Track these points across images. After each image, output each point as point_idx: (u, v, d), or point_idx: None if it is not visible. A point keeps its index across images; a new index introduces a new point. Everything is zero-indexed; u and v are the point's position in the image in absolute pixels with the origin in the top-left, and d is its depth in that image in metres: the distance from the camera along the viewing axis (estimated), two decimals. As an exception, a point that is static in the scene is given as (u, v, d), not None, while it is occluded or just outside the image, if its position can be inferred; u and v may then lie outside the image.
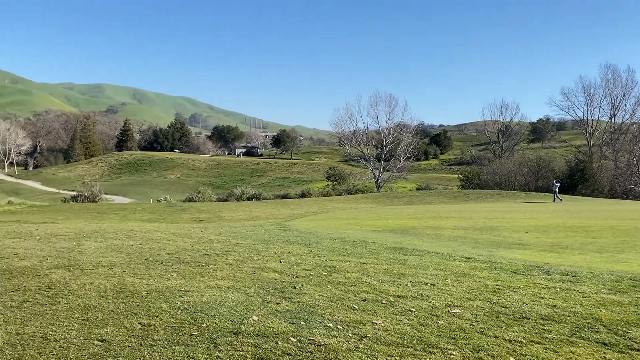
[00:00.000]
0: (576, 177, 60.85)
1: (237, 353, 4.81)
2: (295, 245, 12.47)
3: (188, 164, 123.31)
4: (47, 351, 4.99)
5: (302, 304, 6.51)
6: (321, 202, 41.91)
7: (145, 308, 6.33)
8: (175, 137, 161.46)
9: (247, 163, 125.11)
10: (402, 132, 76.84)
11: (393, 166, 75.31)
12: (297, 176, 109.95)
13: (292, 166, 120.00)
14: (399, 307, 6.45)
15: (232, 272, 8.64)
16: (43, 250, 11.03)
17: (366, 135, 79.02)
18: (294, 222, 22.08)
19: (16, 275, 8.37)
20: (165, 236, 14.24)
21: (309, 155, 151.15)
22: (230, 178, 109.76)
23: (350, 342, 5.09)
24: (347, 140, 79.74)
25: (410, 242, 13.60)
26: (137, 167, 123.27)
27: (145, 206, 38.83)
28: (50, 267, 8.98)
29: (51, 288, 7.46)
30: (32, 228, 17.44)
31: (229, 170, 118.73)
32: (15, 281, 7.97)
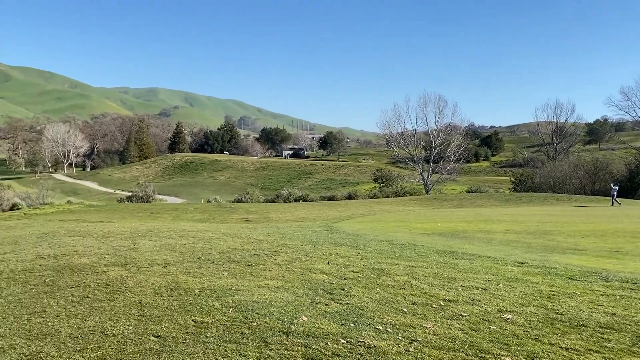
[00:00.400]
0: (636, 180, 58.05)
1: (288, 352, 4.86)
2: (343, 247, 12.48)
3: (237, 165, 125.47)
4: (106, 345, 5.20)
5: (350, 305, 6.52)
6: (368, 204, 41.73)
7: (198, 306, 6.49)
8: (225, 139, 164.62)
9: (294, 165, 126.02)
10: (451, 133, 75.42)
11: (442, 168, 74.10)
12: (343, 178, 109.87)
13: (338, 168, 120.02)
14: (450, 311, 6.35)
15: (281, 272, 8.74)
16: (101, 249, 11.49)
17: (414, 136, 78.02)
18: (341, 223, 22.09)
19: (76, 272, 8.76)
20: (216, 236, 14.55)
21: (356, 157, 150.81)
22: (277, 179, 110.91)
23: (400, 345, 5.06)
24: (394, 141, 78.99)
25: (460, 246, 13.36)
26: (189, 168, 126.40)
27: (196, 206, 39.78)
28: (108, 265, 9.35)
29: (109, 285, 7.76)
30: (90, 227, 18.20)
31: (276, 171, 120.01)
32: (76, 277, 8.35)
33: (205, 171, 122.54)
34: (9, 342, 5.39)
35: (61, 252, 10.88)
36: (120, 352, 5.01)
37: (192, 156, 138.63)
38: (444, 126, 75.67)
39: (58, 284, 7.89)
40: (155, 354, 4.92)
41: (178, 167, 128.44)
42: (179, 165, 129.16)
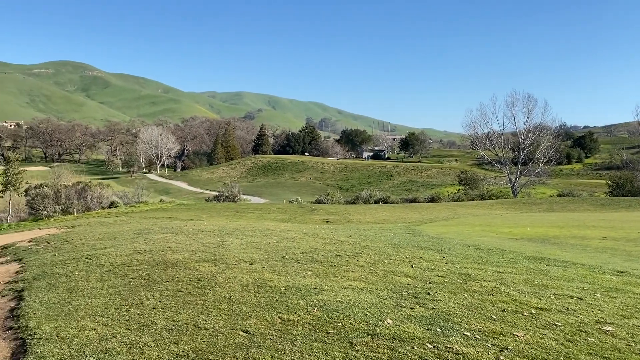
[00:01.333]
0: None
1: (374, 354, 4.85)
2: (427, 250, 12.25)
3: (317, 166, 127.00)
4: (198, 338, 5.44)
5: (436, 310, 6.39)
6: (452, 207, 40.70)
7: (284, 303, 6.63)
8: (306, 141, 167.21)
9: (375, 166, 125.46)
10: (541, 133, 71.82)
11: (531, 170, 70.78)
12: (425, 180, 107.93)
13: (420, 170, 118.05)
14: (542, 320, 6.05)
15: (363, 274, 8.73)
16: (192, 245, 12.05)
17: (501, 137, 75.06)
18: (424, 226, 21.71)
19: (170, 267, 9.25)
20: (299, 236, 14.79)
21: (439, 159, 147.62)
22: (357, 181, 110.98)
23: (490, 353, 4.89)
24: (480, 142, 76.52)
25: (551, 252, 12.69)
26: (271, 169, 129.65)
27: (279, 206, 40.71)
28: (198, 261, 9.79)
29: (200, 280, 8.12)
30: (182, 224, 19.14)
31: (356, 173, 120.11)
32: (170, 272, 8.81)
33: (286, 172, 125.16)
34: (111, 331, 5.78)
35: (156, 248, 11.53)
36: (212, 345, 5.22)
37: (274, 157, 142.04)
38: (533, 126, 72.18)
39: (153, 278, 8.36)
40: (244, 348, 5.09)
41: (261, 168, 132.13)
42: (262, 167, 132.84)
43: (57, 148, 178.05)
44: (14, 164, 63.99)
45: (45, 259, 11.18)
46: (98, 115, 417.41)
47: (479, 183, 72.05)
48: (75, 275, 8.89)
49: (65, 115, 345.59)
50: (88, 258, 10.61)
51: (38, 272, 9.72)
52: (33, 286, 8.44)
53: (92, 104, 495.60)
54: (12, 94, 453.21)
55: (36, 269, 10.04)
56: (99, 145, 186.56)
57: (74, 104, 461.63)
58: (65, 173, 77.39)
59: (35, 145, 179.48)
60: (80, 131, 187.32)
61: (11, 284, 9.07)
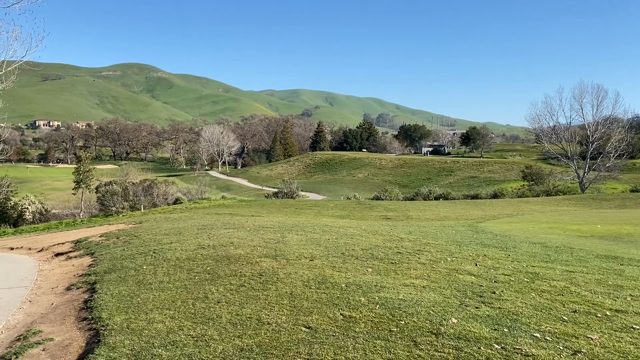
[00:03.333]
0: None
1: (438, 354, 4.74)
2: (491, 248, 11.89)
3: (375, 163, 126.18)
4: (262, 332, 5.52)
5: (503, 310, 6.17)
6: (516, 203, 39.34)
7: (345, 300, 6.61)
8: (363, 137, 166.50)
9: (434, 162, 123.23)
10: (612, 126, 68.15)
11: (601, 165, 67.30)
12: (488, 175, 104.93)
13: (482, 165, 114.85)
14: (618, 322, 5.73)
15: (425, 271, 8.58)
16: (253, 241, 12.26)
17: (568, 130, 71.75)
18: (487, 223, 21.11)
19: (233, 262, 9.44)
20: (358, 232, 14.74)
21: (502, 154, 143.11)
22: (416, 177, 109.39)
23: (562, 356, 4.67)
24: (545, 136, 73.48)
25: (625, 251, 12.00)
26: (329, 166, 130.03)
27: (337, 203, 40.76)
28: (260, 256, 9.94)
29: (262, 275, 8.24)
30: (243, 220, 19.52)
31: (415, 169, 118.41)
32: (233, 267, 8.99)
33: (344, 169, 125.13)
34: (178, 323, 5.97)
35: (219, 243, 11.81)
36: (275, 340, 5.28)
37: (332, 154, 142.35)
38: (603, 119, 68.55)
39: (217, 273, 8.56)
40: (307, 344, 5.11)
41: (319, 164, 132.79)
42: (319, 163, 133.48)
43: (125, 147, 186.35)
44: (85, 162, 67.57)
45: (115, 253, 11.71)
46: (162, 114, 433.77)
47: (545, 178, 69.31)
48: (144, 269, 9.25)
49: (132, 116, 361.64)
50: (155, 252, 11.01)
51: (109, 265, 10.19)
52: (105, 279, 8.85)
53: (156, 104, 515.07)
54: (83, 95, 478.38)
55: (107, 263, 10.53)
56: (164, 144, 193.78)
57: (140, 105, 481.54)
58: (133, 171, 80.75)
59: (105, 144, 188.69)
60: (146, 130, 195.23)
61: (85, 277, 9.56)
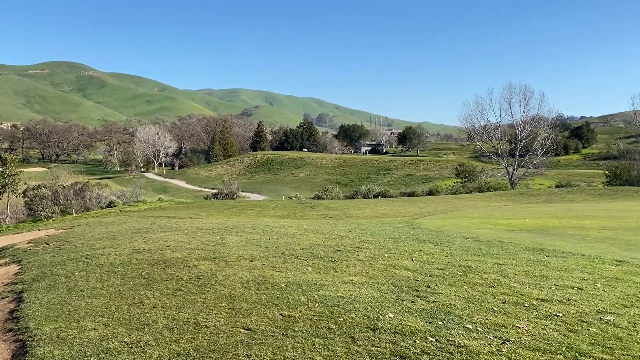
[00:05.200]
0: None
1: (376, 349, 4.84)
2: (426, 243, 12.25)
3: (316, 162, 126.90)
4: (199, 336, 5.43)
5: (437, 303, 6.38)
6: (450, 200, 40.71)
7: (284, 300, 6.62)
8: (304, 137, 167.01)
9: (373, 161, 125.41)
10: (538, 125, 71.87)
11: (529, 162, 70.80)
12: (423, 174, 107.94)
13: (418, 163, 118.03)
14: (544, 311, 6.05)
15: (364, 268, 8.72)
16: (191, 243, 12.02)
17: (498, 129, 75.04)
18: (423, 220, 21.71)
19: (169, 266, 9.22)
20: (298, 232, 14.77)
21: (436, 152, 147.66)
22: (356, 176, 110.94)
23: (492, 345, 4.88)
24: (477, 135, 76.50)
25: (551, 243, 12.69)
26: (270, 166, 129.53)
27: (278, 203, 40.66)
28: (198, 259, 9.76)
29: (200, 278, 8.10)
30: (180, 223, 19.10)
31: (354, 168, 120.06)
32: (169, 271, 8.78)
33: (285, 168, 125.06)
34: (112, 330, 5.77)
35: (155, 247, 11.50)
36: (213, 343, 5.20)
37: (272, 154, 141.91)
38: (530, 118, 72.15)
39: (153, 277, 8.34)
40: (246, 346, 5.07)
41: (259, 165, 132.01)
42: (260, 163, 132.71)
43: (55, 149, 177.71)
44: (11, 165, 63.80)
45: (45, 260, 11.15)
46: (95, 115, 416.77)
47: (477, 175, 72.03)
48: (75, 276, 8.87)
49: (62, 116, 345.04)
50: (87, 258, 10.58)
51: (37, 273, 9.69)
52: (32, 287, 8.41)
53: (88, 104, 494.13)
54: (8, 95, 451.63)
55: (35, 270, 10.01)
56: (97, 145, 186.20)
57: (70, 104, 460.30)
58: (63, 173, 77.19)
59: (33, 146, 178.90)
60: (77, 131, 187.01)
61: (10, 286, 9.03)
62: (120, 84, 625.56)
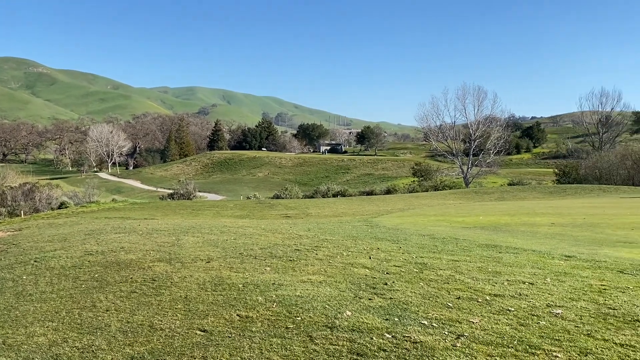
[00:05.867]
0: (689, 170, 55.61)
1: (333, 347, 4.86)
2: (384, 241, 12.39)
3: (275, 162, 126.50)
4: (154, 339, 5.31)
5: (394, 300, 6.46)
6: (407, 198, 41.37)
7: (242, 300, 6.56)
8: (263, 136, 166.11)
9: (332, 160, 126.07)
10: (491, 125, 74.02)
11: (482, 161, 72.80)
12: (382, 173, 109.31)
13: (376, 163, 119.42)
14: (496, 306, 6.22)
15: (322, 267, 8.74)
16: (146, 245, 11.76)
17: (453, 129, 76.87)
18: (381, 218, 21.96)
19: (123, 268, 9.00)
20: (257, 231, 14.68)
21: (394, 152, 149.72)
22: (315, 175, 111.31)
23: (447, 340, 4.98)
24: (433, 135, 78.14)
25: (503, 240, 13.07)
26: (228, 165, 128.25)
27: (236, 203, 40.30)
28: (153, 261, 9.56)
29: (155, 280, 7.93)
30: (135, 224, 18.66)
31: (314, 167, 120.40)
32: (123, 273, 8.57)
33: (243, 168, 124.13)
34: (62, 335, 5.58)
35: (108, 249, 11.20)
36: (168, 345, 5.11)
37: (230, 153, 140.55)
38: (483, 118, 74.29)
39: (106, 280, 8.12)
40: (202, 348, 5.00)
41: (217, 164, 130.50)
42: (218, 163, 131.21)
43: (2, 148, 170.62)
44: (-46, 166, 60.86)
45: (-10, 264, 10.67)
46: (45, 113, 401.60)
47: (433, 174, 73.54)
48: (23, 280, 8.54)
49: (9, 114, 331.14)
50: (37, 261, 10.20)
51: (-18, 278, 9.26)
52: (-23, 293, 8.03)
53: (37, 101, 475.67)
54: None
55: (-20, 275, 9.57)
56: (47, 145, 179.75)
57: (18, 102, 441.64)
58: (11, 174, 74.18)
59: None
60: (25, 130, 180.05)
61: (-47, 292, 8.61)
62: (71, 81, 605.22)
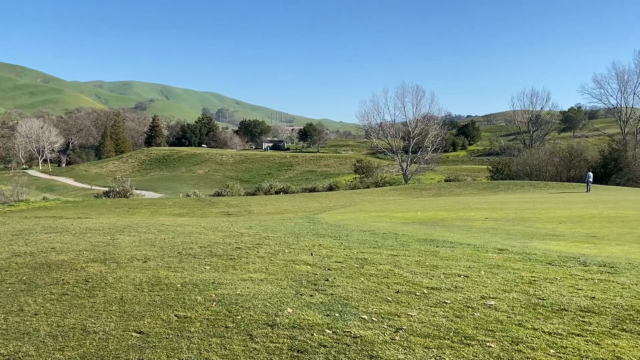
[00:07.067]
0: (610, 167, 59.39)
1: (273, 345, 4.83)
2: (326, 238, 12.47)
3: (216, 158, 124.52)
4: (87, 343, 5.09)
5: (335, 296, 6.50)
6: (349, 195, 41.84)
7: (180, 300, 6.40)
8: (203, 133, 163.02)
9: (274, 157, 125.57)
10: (429, 123, 76.22)
11: (421, 158, 74.71)
12: (324, 169, 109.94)
13: (319, 160, 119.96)
14: (433, 299, 6.38)
15: (264, 265, 8.68)
16: (79, 245, 11.27)
17: (393, 127, 78.50)
18: (323, 215, 22.09)
19: (54, 269, 8.57)
20: (197, 230, 14.40)
21: (336, 149, 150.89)
22: (257, 172, 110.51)
23: (386, 334, 5.06)
24: (374, 132, 79.52)
25: (440, 234, 13.46)
26: (166, 162, 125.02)
27: (175, 201, 39.40)
28: (86, 261, 9.17)
29: (88, 281, 7.61)
30: (67, 223, 17.86)
31: (256, 164, 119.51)
32: (54, 275, 8.16)
33: (183, 165, 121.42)
34: (-14, 342, 5.24)
35: (38, 250, 10.65)
36: (102, 349, 4.91)
37: (169, 150, 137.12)
38: (422, 116, 76.35)
39: (35, 282, 7.71)
40: (137, 350, 4.84)
41: (155, 161, 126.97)
42: (156, 160, 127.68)
43: None
44: None
45: None
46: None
47: (374, 171, 74.78)
48: (-59, 285, 7.96)
49: None
50: (-43, 265, 9.54)
51: None
52: None
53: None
54: None
55: None
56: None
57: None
58: None
59: None
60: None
61: None
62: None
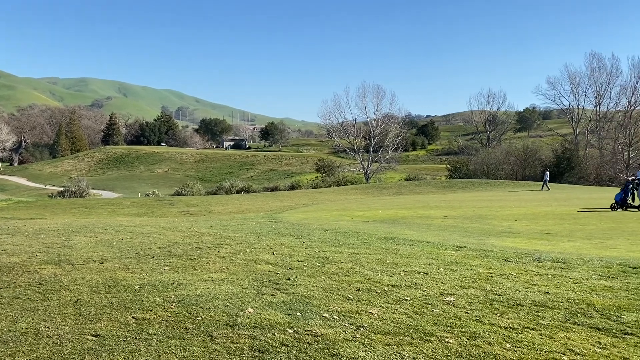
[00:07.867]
0: (563, 165, 61.50)
1: (234, 345, 4.78)
2: (287, 237, 12.45)
3: (175, 157, 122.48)
4: (40, 347, 4.92)
5: (297, 295, 6.50)
6: (311, 194, 41.91)
7: (138, 302, 6.27)
8: (162, 131, 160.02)
9: (236, 156, 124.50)
10: (390, 123, 77.16)
11: (381, 157, 75.54)
12: (286, 169, 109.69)
13: (280, 159, 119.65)
14: (394, 296, 6.46)
15: (225, 264, 8.60)
16: (32, 246, 10.88)
17: (354, 126, 79.12)
18: (285, 214, 22.05)
19: (5, 272, 8.25)
20: (155, 230, 14.13)
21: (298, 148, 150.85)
22: (218, 171, 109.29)
23: (347, 332, 5.09)
24: (335, 132, 79.93)
25: (401, 232, 13.64)
26: (124, 161, 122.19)
27: (134, 201, 38.55)
28: (40, 263, 8.87)
29: (42, 284, 7.36)
30: (20, 224, 17.22)
31: (217, 163, 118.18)
32: (5, 278, 7.86)
33: (141, 164, 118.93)
34: None
35: (-13, 252, 10.22)
36: (56, 353, 4.75)
37: (127, 148, 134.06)
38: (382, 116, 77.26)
39: (-16, 286, 7.40)
40: (94, 353, 4.71)
41: (113, 160, 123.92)
42: (113, 159, 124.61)
43: None
44: None
45: None
46: None
47: (335, 170, 75.16)
48: None
49: None
50: None
51: None
52: None
53: None
54: None
55: None
56: None
57: None
58: None
59: None
60: None
61: None
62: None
